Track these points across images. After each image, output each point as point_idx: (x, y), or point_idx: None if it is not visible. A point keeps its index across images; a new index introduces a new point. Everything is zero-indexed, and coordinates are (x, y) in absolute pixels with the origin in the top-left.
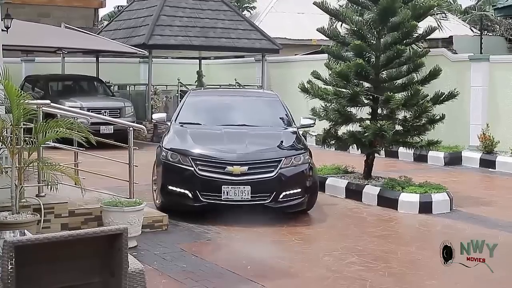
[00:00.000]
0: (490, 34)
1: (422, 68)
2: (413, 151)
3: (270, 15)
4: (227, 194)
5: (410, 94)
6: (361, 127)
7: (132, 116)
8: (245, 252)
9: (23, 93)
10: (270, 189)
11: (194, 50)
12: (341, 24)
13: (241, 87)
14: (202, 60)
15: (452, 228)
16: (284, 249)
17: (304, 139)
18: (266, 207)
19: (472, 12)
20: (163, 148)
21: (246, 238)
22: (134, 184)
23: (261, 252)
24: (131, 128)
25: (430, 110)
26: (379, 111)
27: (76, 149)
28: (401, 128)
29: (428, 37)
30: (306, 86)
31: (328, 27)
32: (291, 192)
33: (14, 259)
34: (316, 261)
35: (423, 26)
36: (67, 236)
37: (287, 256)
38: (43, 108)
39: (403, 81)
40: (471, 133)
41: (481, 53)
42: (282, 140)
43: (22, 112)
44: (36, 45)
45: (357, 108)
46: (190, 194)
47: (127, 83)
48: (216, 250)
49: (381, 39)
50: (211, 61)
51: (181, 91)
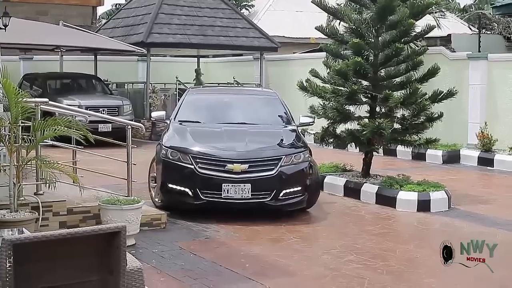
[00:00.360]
0: (489, 32)
1: (420, 66)
2: (411, 149)
3: (268, 13)
4: (228, 192)
5: (408, 92)
6: (359, 125)
7: (130, 114)
8: (244, 250)
9: (21, 91)
10: (271, 187)
11: (193, 48)
12: (339, 22)
13: (239, 85)
14: (201, 58)
15: (450, 226)
16: (282, 247)
17: (304, 137)
18: (266, 205)
19: (471, 10)
20: (163, 146)
21: (244, 236)
22: (132, 182)
23: (259, 250)
24: (129, 126)
25: (429, 108)
26: (378, 109)
27: (74, 147)
28: (400, 126)
29: (427, 36)
30: (305, 84)
31: (326, 25)
32: (292, 190)
33: (12, 257)
34: (314, 259)
35: (421, 24)
36: (66, 234)
37: (286, 254)
38: (41, 106)
39: (401, 79)
40: (469, 131)
41: (480, 51)
42: (282, 138)
43: (20, 110)
44: (34, 43)
45: (356, 106)
46: (190, 192)
47: (125, 81)
48: (214, 248)
49: (380, 37)
50: (209, 59)
51: (180, 89)
